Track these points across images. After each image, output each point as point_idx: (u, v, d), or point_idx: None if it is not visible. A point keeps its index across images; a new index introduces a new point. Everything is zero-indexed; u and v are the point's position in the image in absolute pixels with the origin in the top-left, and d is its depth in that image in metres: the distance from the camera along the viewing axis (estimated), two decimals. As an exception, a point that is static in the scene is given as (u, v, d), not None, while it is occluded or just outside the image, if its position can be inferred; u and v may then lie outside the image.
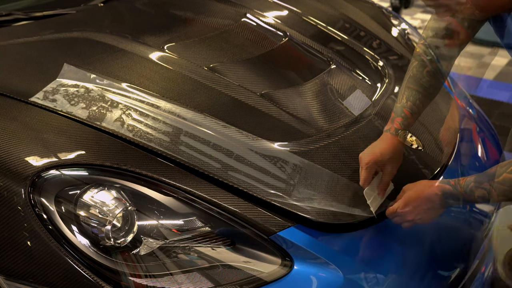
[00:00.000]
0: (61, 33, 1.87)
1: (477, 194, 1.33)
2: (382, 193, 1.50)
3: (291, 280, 1.32)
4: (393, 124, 1.53)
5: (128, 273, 1.25)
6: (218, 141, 1.50)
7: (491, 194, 1.31)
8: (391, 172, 1.50)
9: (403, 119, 1.52)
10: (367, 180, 1.47)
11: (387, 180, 1.50)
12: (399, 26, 2.49)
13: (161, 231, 1.30)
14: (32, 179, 1.28)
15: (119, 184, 1.32)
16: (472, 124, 2.10)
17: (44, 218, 1.25)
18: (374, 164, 1.48)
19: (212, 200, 1.35)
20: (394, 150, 1.50)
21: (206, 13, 2.19)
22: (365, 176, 1.47)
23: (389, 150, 1.49)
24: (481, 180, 1.33)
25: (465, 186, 1.35)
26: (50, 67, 1.64)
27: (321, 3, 2.42)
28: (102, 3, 2.15)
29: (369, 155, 1.48)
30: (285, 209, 1.39)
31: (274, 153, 1.52)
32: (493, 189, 1.30)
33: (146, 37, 1.88)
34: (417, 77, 1.54)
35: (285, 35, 2.06)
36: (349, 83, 1.90)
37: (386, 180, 1.50)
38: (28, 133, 1.40)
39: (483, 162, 1.98)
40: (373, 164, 1.47)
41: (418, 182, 1.44)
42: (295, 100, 1.73)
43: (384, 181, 1.50)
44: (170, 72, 1.72)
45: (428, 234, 1.58)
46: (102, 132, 1.44)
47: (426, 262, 1.53)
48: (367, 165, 1.47)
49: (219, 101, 1.65)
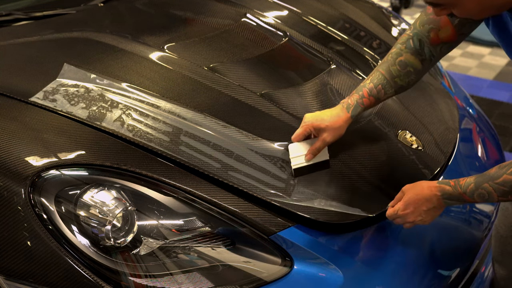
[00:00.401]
0: (61, 33, 1.87)
1: (476, 195, 1.33)
2: (309, 156, 1.50)
3: (291, 280, 1.32)
4: (348, 99, 1.54)
5: (128, 273, 1.25)
6: (218, 141, 1.50)
7: (491, 195, 1.31)
8: (325, 139, 1.50)
9: (359, 97, 1.53)
10: (297, 137, 1.51)
11: (319, 145, 1.50)
12: (399, 26, 2.49)
13: (161, 231, 1.30)
14: (32, 179, 1.28)
15: (119, 184, 1.32)
16: (472, 124, 2.10)
17: (44, 218, 1.25)
18: (311, 125, 1.50)
19: (212, 200, 1.35)
20: (336, 121, 1.51)
21: (206, 13, 2.19)
22: (298, 132, 1.51)
23: (332, 119, 1.50)
24: (481, 181, 1.33)
25: (465, 187, 1.35)
26: (50, 67, 1.64)
27: (321, 3, 2.42)
28: (102, 3, 2.15)
29: (311, 117, 1.52)
30: (285, 209, 1.39)
31: (274, 153, 1.52)
32: (493, 190, 1.31)
33: (146, 37, 1.88)
34: (389, 63, 1.53)
35: (285, 35, 2.06)
36: (349, 83, 1.90)
37: (318, 145, 1.50)
38: (28, 133, 1.40)
39: (483, 162, 1.98)
40: (310, 125, 1.50)
41: (417, 183, 1.44)
42: (295, 100, 1.73)
43: (315, 146, 1.50)
44: (170, 72, 1.72)
45: (428, 234, 1.58)
46: (102, 132, 1.44)
47: (426, 262, 1.53)
48: (305, 124, 1.51)
49: (219, 101, 1.65)
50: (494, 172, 1.32)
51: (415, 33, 1.51)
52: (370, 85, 1.53)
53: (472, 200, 1.35)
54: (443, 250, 1.57)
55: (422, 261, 1.52)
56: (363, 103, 1.53)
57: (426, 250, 1.56)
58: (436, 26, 1.48)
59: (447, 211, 1.61)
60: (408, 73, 1.52)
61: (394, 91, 1.54)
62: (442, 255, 1.56)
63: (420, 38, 1.50)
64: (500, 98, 3.94)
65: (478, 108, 2.30)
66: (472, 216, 1.73)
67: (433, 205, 1.40)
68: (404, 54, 1.52)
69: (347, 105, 1.53)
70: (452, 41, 1.50)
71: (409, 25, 2.39)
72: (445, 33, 1.48)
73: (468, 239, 1.68)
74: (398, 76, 1.52)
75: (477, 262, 1.67)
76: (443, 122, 1.89)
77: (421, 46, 1.50)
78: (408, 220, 1.41)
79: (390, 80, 1.52)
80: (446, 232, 1.63)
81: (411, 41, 1.51)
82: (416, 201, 1.40)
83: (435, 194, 1.39)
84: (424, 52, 1.51)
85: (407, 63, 1.51)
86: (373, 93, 1.53)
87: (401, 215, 1.42)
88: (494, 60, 4.62)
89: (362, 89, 1.53)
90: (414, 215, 1.40)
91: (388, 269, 1.45)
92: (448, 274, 1.55)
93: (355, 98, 1.53)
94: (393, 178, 1.60)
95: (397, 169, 1.64)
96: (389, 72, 1.52)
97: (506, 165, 1.30)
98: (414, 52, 1.51)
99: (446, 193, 1.38)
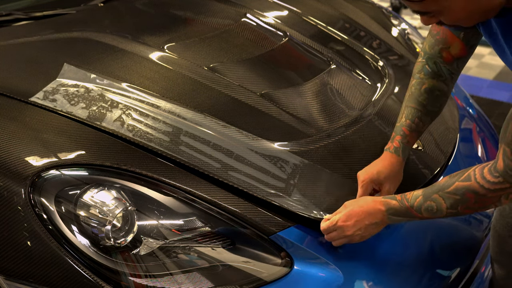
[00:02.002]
0: (61, 33, 1.87)
1: (424, 208, 1.28)
2: None
3: (291, 280, 1.32)
4: (392, 143, 1.51)
5: (128, 273, 1.25)
6: (218, 141, 1.50)
7: (440, 208, 1.27)
8: (389, 191, 1.47)
9: (402, 137, 1.50)
10: None
11: None
12: (399, 26, 2.49)
13: (161, 231, 1.30)
14: (32, 179, 1.28)
15: (119, 184, 1.32)
16: (472, 124, 2.10)
17: (44, 218, 1.25)
18: (370, 182, 1.45)
19: (212, 200, 1.35)
20: (392, 169, 1.48)
21: (206, 13, 2.19)
22: (361, 194, 1.45)
23: (387, 168, 1.47)
24: (430, 192, 1.28)
25: (412, 200, 1.30)
26: (50, 67, 1.64)
27: (321, 3, 2.42)
28: (102, 3, 2.15)
29: (366, 173, 1.47)
30: (285, 209, 1.39)
31: (274, 153, 1.52)
32: (443, 201, 1.26)
33: (146, 37, 1.88)
34: (415, 95, 1.52)
35: (285, 35, 2.06)
36: (349, 83, 1.90)
37: None
38: (28, 133, 1.40)
39: (483, 162, 1.98)
40: (369, 182, 1.45)
41: (361, 198, 1.40)
42: (295, 100, 1.73)
43: None
44: (170, 72, 1.72)
45: (428, 234, 1.58)
46: (102, 132, 1.44)
47: (426, 262, 1.53)
48: (363, 183, 1.45)
49: (219, 101, 1.65)
50: (444, 181, 1.28)
51: (427, 57, 1.51)
52: (407, 122, 1.51)
53: (419, 215, 1.30)
54: (443, 250, 1.57)
55: (422, 261, 1.52)
56: (408, 141, 1.51)
57: (426, 250, 1.56)
58: (445, 45, 1.48)
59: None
60: (437, 97, 1.51)
61: (430, 118, 1.53)
62: (442, 255, 1.56)
63: (434, 61, 1.50)
64: (500, 98, 3.94)
65: (478, 108, 2.30)
66: (472, 216, 1.73)
67: (376, 220, 1.34)
68: (426, 82, 1.51)
69: (395, 149, 1.50)
70: (464, 55, 1.49)
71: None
72: (455, 49, 1.47)
73: (468, 239, 1.68)
74: (429, 104, 1.51)
75: (477, 262, 1.67)
76: (443, 122, 1.89)
77: (438, 68, 1.50)
78: (346, 233, 1.34)
79: (423, 110, 1.51)
80: (446, 232, 1.63)
81: (427, 67, 1.51)
82: (359, 213, 1.34)
83: (380, 209, 1.33)
84: (443, 72, 1.50)
85: (432, 88, 1.51)
86: (413, 128, 1.51)
87: (340, 226, 1.34)
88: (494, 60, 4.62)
89: (402, 129, 1.51)
90: (354, 228, 1.34)
91: (388, 269, 1.45)
92: (448, 274, 1.55)
93: (399, 140, 1.50)
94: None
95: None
96: (419, 103, 1.51)
97: (457, 174, 1.27)
98: (434, 76, 1.50)
99: (392, 208, 1.32)
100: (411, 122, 1.51)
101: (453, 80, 1.53)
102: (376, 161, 1.51)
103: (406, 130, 1.51)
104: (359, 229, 1.34)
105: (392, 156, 1.49)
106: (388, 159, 1.49)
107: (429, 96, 1.51)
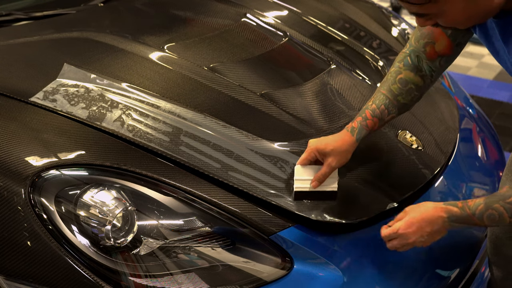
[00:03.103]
0: (61, 33, 1.87)
1: (486, 216, 1.29)
2: (315, 183, 1.43)
3: (291, 280, 1.32)
4: (352, 122, 1.50)
5: (128, 273, 1.25)
6: (218, 141, 1.50)
7: (502, 217, 1.27)
8: (330, 164, 1.44)
9: (362, 119, 1.48)
10: (302, 162, 1.46)
11: (325, 171, 1.43)
12: (399, 26, 2.49)
13: (161, 231, 1.30)
14: (32, 179, 1.28)
15: (119, 184, 1.32)
16: (472, 124, 2.10)
17: (44, 218, 1.25)
18: (315, 150, 1.45)
19: (212, 200, 1.35)
20: (341, 145, 1.46)
21: (206, 13, 2.19)
22: (303, 157, 1.46)
23: (337, 143, 1.46)
24: (491, 201, 1.29)
25: (474, 208, 1.30)
26: (50, 67, 1.64)
27: (321, 3, 2.42)
28: (102, 3, 2.15)
29: (314, 141, 1.47)
30: (285, 209, 1.39)
31: (274, 153, 1.52)
32: (504, 211, 1.26)
33: (146, 37, 1.88)
34: (389, 82, 1.50)
35: (285, 35, 2.06)
36: (349, 83, 1.90)
37: (324, 171, 1.43)
38: (28, 133, 1.40)
39: (483, 162, 1.98)
40: (314, 149, 1.45)
41: (422, 203, 1.39)
42: (295, 100, 1.73)
43: (322, 172, 1.44)
44: (170, 72, 1.72)
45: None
46: (102, 132, 1.44)
47: (426, 262, 1.53)
48: (309, 149, 1.46)
49: (219, 101, 1.65)
50: (505, 191, 1.28)
51: (411, 50, 1.49)
52: (373, 106, 1.49)
53: (481, 222, 1.30)
54: (443, 250, 1.57)
55: (422, 261, 1.52)
56: (367, 125, 1.48)
57: (426, 250, 1.56)
58: (431, 40, 1.46)
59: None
60: (410, 90, 1.50)
61: (398, 110, 1.51)
62: (442, 255, 1.56)
63: (417, 54, 1.48)
64: (500, 98, 3.94)
65: (478, 108, 2.30)
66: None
67: (438, 227, 1.34)
68: (403, 72, 1.49)
69: (351, 128, 1.48)
70: (449, 54, 1.48)
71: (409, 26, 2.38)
72: (441, 45, 1.46)
73: (468, 239, 1.68)
74: (400, 94, 1.49)
75: (477, 262, 1.67)
76: (443, 122, 1.89)
77: (419, 62, 1.48)
78: (408, 241, 1.35)
79: (392, 99, 1.49)
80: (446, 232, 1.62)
81: (408, 58, 1.49)
82: (420, 221, 1.34)
83: (441, 216, 1.33)
84: (423, 67, 1.49)
85: (407, 80, 1.49)
86: (376, 114, 1.48)
87: (401, 234, 1.35)
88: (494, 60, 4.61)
89: (365, 111, 1.49)
90: (416, 236, 1.34)
91: (388, 269, 1.45)
92: (448, 274, 1.55)
93: (359, 121, 1.49)
94: (393, 178, 1.60)
95: (397, 169, 1.64)
96: (390, 91, 1.49)
97: None
98: (413, 69, 1.49)
99: (454, 215, 1.32)
100: (376, 107, 1.49)
101: (433, 78, 1.51)
102: (331, 135, 1.50)
103: (368, 114, 1.48)
104: (421, 236, 1.34)
105: (346, 134, 1.48)
106: (342, 135, 1.48)
107: (402, 86, 1.49)
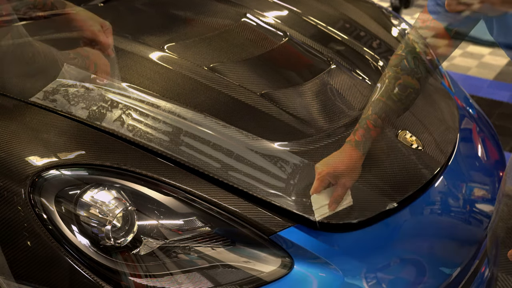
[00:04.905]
0: (61, 33, 1.87)
1: None
2: (333, 206, 1.41)
3: (291, 280, 1.32)
4: (354, 135, 1.45)
5: (128, 273, 1.25)
6: (218, 141, 1.50)
7: None
8: (345, 185, 1.42)
9: (365, 131, 1.44)
10: (316, 190, 1.41)
11: (340, 192, 1.42)
12: (399, 26, 2.49)
13: (161, 231, 1.30)
14: (32, 179, 1.28)
15: (119, 184, 1.32)
16: (472, 124, 2.10)
17: (44, 218, 1.25)
18: (327, 175, 1.41)
19: (212, 200, 1.35)
20: (350, 163, 1.43)
21: (206, 13, 2.19)
22: (315, 186, 1.41)
23: (346, 162, 1.43)
24: None
25: None
26: (50, 67, 1.64)
27: (321, 3, 2.42)
28: (102, 3, 2.14)
29: (324, 166, 1.43)
30: (285, 209, 1.39)
31: (274, 153, 1.52)
32: None
33: (146, 37, 1.88)
34: (388, 89, 1.46)
35: (285, 35, 2.06)
36: (349, 83, 1.90)
37: (339, 193, 1.42)
38: (28, 133, 1.40)
39: (483, 162, 1.98)
40: (326, 175, 1.41)
41: None
42: (295, 100, 1.73)
43: (337, 194, 1.42)
44: (170, 72, 1.72)
45: (428, 234, 1.58)
46: (102, 132, 1.44)
47: (426, 262, 1.53)
48: (319, 175, 1.41)
49: (219, 101, 1.65)
50: None
51: (408, 51, 1.46)
52: (373, 116, 1.44)
53: None
54: (443, 250, 1.57)
55: (422, 261, 1.52)
56: (371, 136, 1.44)
57: (426, 250, 1.56)
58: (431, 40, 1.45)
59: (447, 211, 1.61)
60: (409, 94, 1.47)
61: (397, 115, 1.50)
62: (442, 255, 1.56)
63: (414, 56, 1.45)
64: (500, 98, 3.94)
65: (478, 108, 2.30)
66: (472, 216, 1.73)
67: None
68: (402, 77, 1.46)
69: (356, 143, 1.44)
70: (447, 54, 1.47)
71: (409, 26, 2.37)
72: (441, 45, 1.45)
73: (468, 239, 1.68)
74: (400, 100, 1.46)
75: (477, 262, 1.67)
76: (443, 122, 1.89)
77: (416, 64, 1.45)
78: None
79: (393, 105, 1.46)
80: (446, 232, 1.63)
81: (405, 61, 1.46)
82: None
83: None
84: (420, 70, 1.46)
85: (406, 85, 1.46)
86: (378, 124, 1.44)
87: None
88: (494, 60, 4.61)
89: (366, 122, 1.44)
90: None
91: (388, 269, 1.45)
92: (448, 274, 1.55)
93: (362, 134, 1.44)
94: (393, 178, 1.60)
95: (397, 169, 1.64)
96: (390, 98, 1.45)
97: None
98: (410, 73, 1.46)
99: None
100: (378, 117, 1.44)
101: (427, 79, 1.50)
102: (336, 153, 1.46)
103: (370, 124, 1.44)
104: None
105: (352, 150, 1.44)
106: (348, 152, 1.44)
107: (401, 92, 1.46)
